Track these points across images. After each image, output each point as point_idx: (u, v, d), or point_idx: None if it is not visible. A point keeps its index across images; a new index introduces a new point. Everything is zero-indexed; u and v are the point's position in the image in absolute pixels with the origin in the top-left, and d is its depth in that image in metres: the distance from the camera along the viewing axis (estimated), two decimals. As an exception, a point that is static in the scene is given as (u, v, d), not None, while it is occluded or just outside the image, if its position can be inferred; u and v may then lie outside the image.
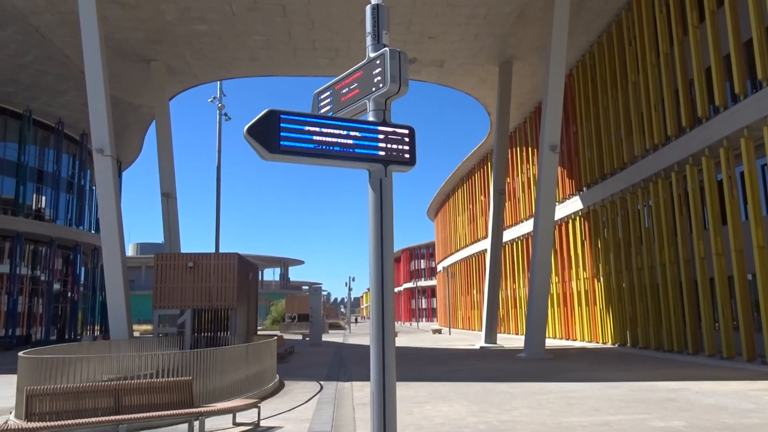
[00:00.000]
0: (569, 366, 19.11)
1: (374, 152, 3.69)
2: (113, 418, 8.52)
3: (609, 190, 27.23)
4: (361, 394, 13.60)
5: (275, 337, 16.84)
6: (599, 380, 14.87)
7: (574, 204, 31.21)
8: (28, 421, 8.22)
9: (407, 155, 3.75)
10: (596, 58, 28.87)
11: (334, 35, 27.66)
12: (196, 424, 9.06)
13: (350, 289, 75.19)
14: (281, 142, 3.46)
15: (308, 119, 3.60)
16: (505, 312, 42.16)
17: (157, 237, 32.11)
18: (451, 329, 52.60)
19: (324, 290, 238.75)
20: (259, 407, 10.25)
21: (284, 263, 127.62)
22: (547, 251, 22.89)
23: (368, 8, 3.99)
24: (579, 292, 31.31)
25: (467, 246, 53.95)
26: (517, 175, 40.17)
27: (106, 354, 13.34)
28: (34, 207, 39.56)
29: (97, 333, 44.19)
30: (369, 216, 3.59)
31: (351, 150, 3.63)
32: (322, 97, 4.24)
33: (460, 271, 57.40)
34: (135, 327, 48.61)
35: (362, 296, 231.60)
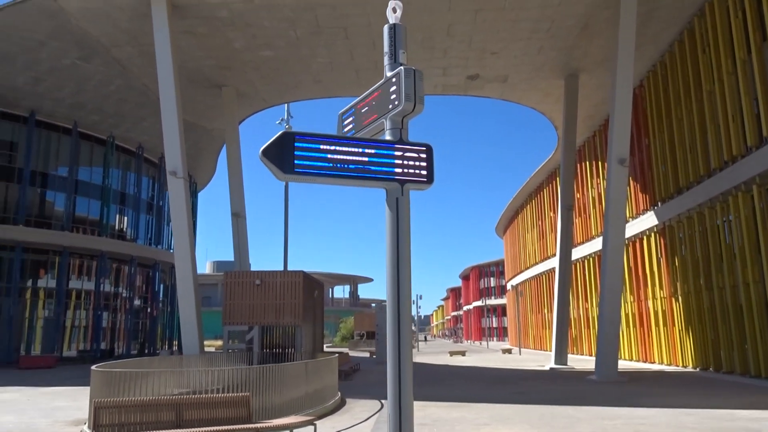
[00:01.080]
0: (643, 390, 18.20)
1: (390, 171, 3.69)
2: (174, 431, 8.81)
3: (685, 205, 25.94)
4: (421, 414, 13.43)
5: (336, 355, 16.96)
6: (674, 406, 14.07)
7: (649, 219, 29.92)
8: (95, 431, 8.63)
9: (424, 174, 3.72)
10: (668, 67, 27.75)
11: (397, 55, 27.92)
12: (254, 439, 9.23)
13: (418, 307, 74.81)
14: (295, 163, 3.52)
15: (323, 140, 3.64)
16: (578, 332, 40.74)
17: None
18: (522, 349, 51.31)
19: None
20: (315, 424, 10.33)
21: (353, 281, 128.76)
22: (618, 269, 21.99)
23: (385, 28, 4.02)
24: (656, 312, 29.86)
25: (537, 263, 52.67)
26: (587, 190, 38.98)
27: (173, 369, 13.82)
28: (116, 227, 41.85)
29: (174, 347, 45.97)
30: (386, 234, 3.58)
31: (366, 169, 3.64)
32: (346, 117, 4.29)
33: (530, 289, 56.05)
34: (212, 342, 50.35)
35: (432, 314, 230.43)
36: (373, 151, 3.69)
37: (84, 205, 39.24)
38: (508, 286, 70.12)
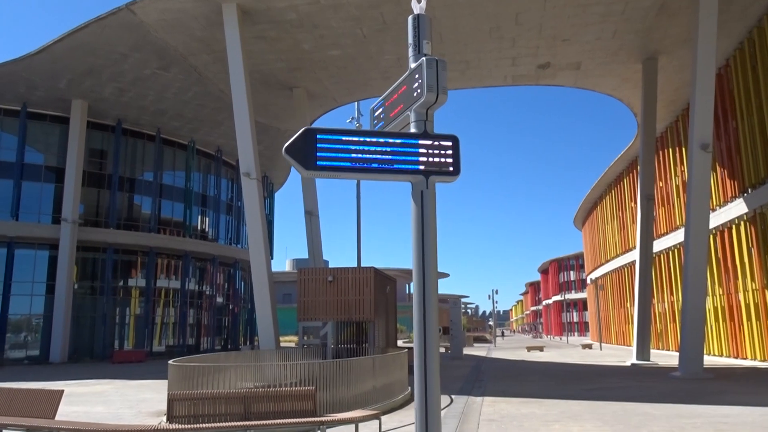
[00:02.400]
0: (730, 387, 17.16)
1: (414, 164, 3.64)
2: (241, 423, 9.12)
3: (778, 191, 24.20)
4: (490, 409, 13.27)
5: (406, 350, 16.99)
6: (763, 405, 13.18)
7: (738, 207, 28.10)
8: (169, 422, 9.08)
9: (450, 166, 3.65)
10: (756, 44, 25.92)
11: (463, 47, 27.62)
12: (319, 432, 9.42)
13: (494, 302, 73.72)
14: (318, 160, 3.55)
15: (345, 136, 3.65)
16: (663, 327, 38.90)
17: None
18: (603, 344, 49.57)
19: (471, 303, 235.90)
20: (380, 419, 10.40)
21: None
22: (701, 260, 20.81)
23: (410, 19, 3.97)
24: (747, 305, 28.02)
25: (618, 256, 50.66)
26: (671, 179, 37.08)
27: (244, 363, 14.31)
28: (198, 228, 43.79)
29: (255, 343, 47.61)
30: (412, 228, 3.55)
31: (390, 162, 3.62)
32: (377, 111, 4.28)
33: (611, 282, 54.00)
34: (292, 338, 51.75)
35: (511, 309, 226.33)
36: (396, 144, 3.67)
37: (168, 208, 41.31)
38: (588, 280, 67.88)
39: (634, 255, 39.92)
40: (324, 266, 31.05)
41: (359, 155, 3.63)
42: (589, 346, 46.65)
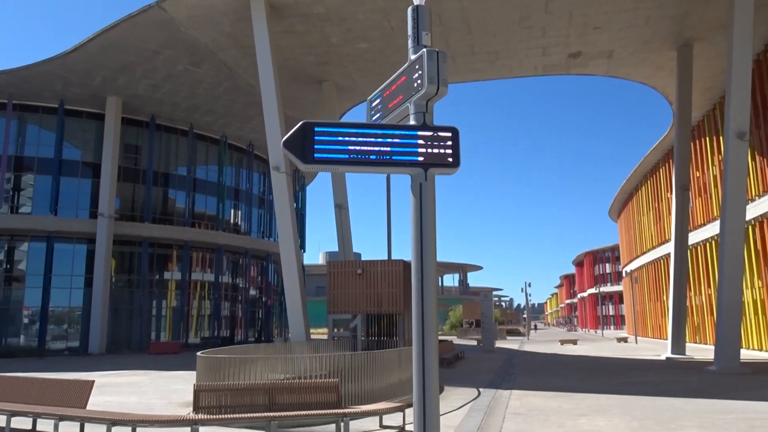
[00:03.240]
0: (767, 383, 16.65)
1: (412, 157, 3.61)
2: (266, 414, 9.23)
3: (821, 180, 23.31)
4: (517, 403, 13.17)
5: (433, 343, 16.97)
6: (802, 401, 12.76)
7: (778, 197, 27.20)
8: (195, 413, 9.24)
9: (449, 158, 3.60)
10: (798, 28, 24.96)
11: (492, 38, 27.30)
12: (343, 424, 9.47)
13: (527, 295, 73.05)
14: (315, 153, 3.55)
15: (342, 129, 3.64)
16: (700, 320, 37.95)
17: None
18: (639, 338, 48.67)
19: (505, 296, 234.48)
20: (404, 411, 10.42)
21: (463, 269, 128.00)
22: (737, 252, 20.20)
23: (409, 10, 3.91)
24: (789, 299, 27.16)
25: (654, 248, 49.57)
26: (708, 169, 36.06)
27: (270, 355, 14.47)
28: (231, 222, 44.42)
29: (288, 335, 48.16)
30: (411, 221, 3.51)
31: (388, 156, 3.59)
32: (374, 103, 4.25)
33: (647, 275, 52.89)
34: (324, 330, 52.17)
35: (546, 302, 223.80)
36: (395, 136, 3.64)
37: (201, 202, 42.00)
38: (624, 272, 66.64)
39: (671, 247, 39.05)
40: (355, 259, 31.17)
41: (357, 147, 3.62)
42: (625, 340, 45.89)
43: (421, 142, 3.65)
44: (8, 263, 35.83)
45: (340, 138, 3.67)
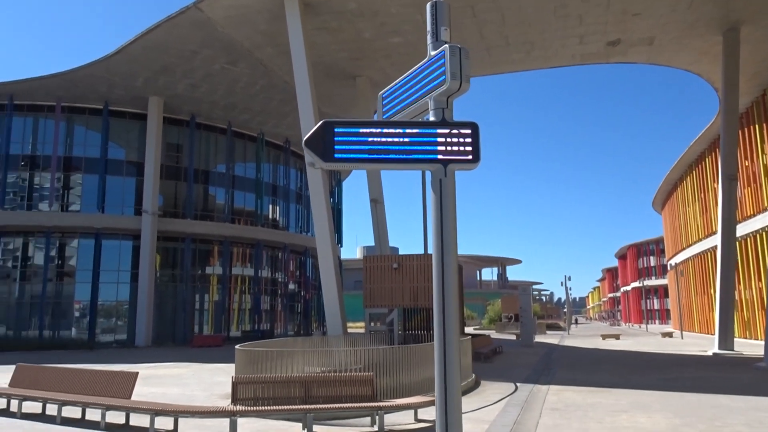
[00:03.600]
0: (821, 379, 16.04)
1: (432, 153, 3.61)
2: (302, 407, 9.37)
3: None
4: (554, 398, 13.02)
5: (469, 337, 16.90)
6: None
7: (833, 186, 26.09)
8: (233, 404, 9.45)
9: (469, 154, 3.58)
10: None
11: (527, 28, 26.89)
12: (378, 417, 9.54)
13: (567, 288, 71.90)
14: (336, 153, 3.61)
15: (362, 128, 3.67)
16: (751, 315, 36.72)
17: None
18: (684, 332, 47.41)
19: (545, 290, 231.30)
20: (438, 405, 10.43)
21: (501, 263, 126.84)
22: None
23: (428, 6, 3.90)
24: (844, 292, 26.03)
25: (700, 240, 48.16)
26: (758, 157, 34.80)
27: (310, 349, 14.64)
28: (270, 217, 45.06)
29: (325, 329, 48.64)
30: (432, 217, 3.51)
31: (407, 153, 3.60)
32: (386, 98, 4.25)
33: (694, 267, 51.43)
34: (361, 324, 52.50)
35: (588, 296, 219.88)
36: (414, 134, 3.66)
37: (241, 198, 42.73)
38: (669, 265, 64.97)
39: (718, 239, 37.90)
40: (392, 253, 31.23)
41: (376, 146, 3.66)
42: (670, 335, 44.77)
43: (440, 139, 3.65)
44: (60, 259, 37.18)
45: (360, 136, 3.72)
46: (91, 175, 37.25)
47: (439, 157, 3.63)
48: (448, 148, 3.61)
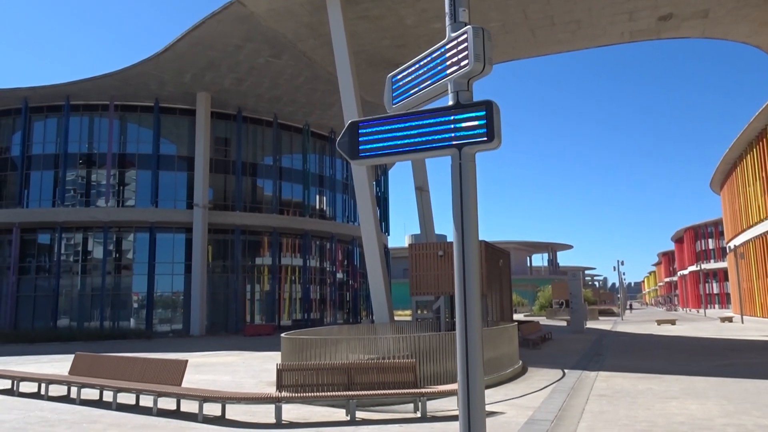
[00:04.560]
0: None
1: (446, 141, 3.62)
2: (345, 393, 9.51)
3: None
4: (603, 384, 12.78)
5: (515, 323, 16.74)
6: None
7: None
8: (278, 391, 9.66)
9: (485, 136, 3.52)
10: None
11: (573, 6, 26.19)
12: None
13: (620, 273, 70.18)
14: (361, 152, 3.80)
15: (382, 122, 3.75)
16: (817, 297, 35.06)
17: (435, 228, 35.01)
18: (745, 317, 45.62)
19: (599, 275, 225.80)
20: (482, 392, 10.38)
21: (552, 248, 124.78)
22: None
23: None
24: None
25: (762, 221, 46.10)
26: (823, 132, 33.01)
27: (355, 336, 14.80)
28: (317, 208, 45.58)
29: (373, 317, 48.99)
30: (452, 203, 3.49)
31: (423, 143, 3.65)
32: (397, 80, 4.23)
33: (755, 250, 49.32)
34: (409, 312, 52.72)
35: (644, 280, 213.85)
36: (428, 121, 3.69)
37: (288, 190, 43.36)
38: (728, 248, 62.49)
39: (780, 219, 36.25)
40: (441, 240, 31.12)
41: (394, 140, 3.78)
42: (729, 320, 43.19)
43: (453, 123, 3.63)
44: (117, 253, 38.65)
45: (380, 133, 3.87)
46: (144, 171, 38.47)
47: (453, 142, 3.61)
48: (462, 133, 3.59)
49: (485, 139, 3.51)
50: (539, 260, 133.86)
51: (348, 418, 9.34)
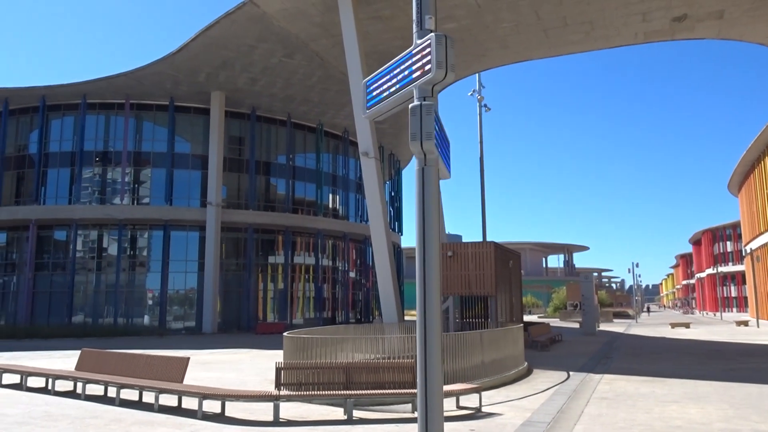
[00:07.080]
0: None
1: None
2: (343, 393, 9.58)
3: None
4: (605, 387, 12.73)
5: (521, 325, 16.70)
6: None
7: None
8: (277, 389, 9.77)
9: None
10: None
11: (586, 6, 26.04)
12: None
13: (635, 276, 69.50)
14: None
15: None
16: (835, 302, 34.47)
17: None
18: (762, 321, 44.98)
19: (615, 277, 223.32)
20: (480, 393, 10.42)
21: (568, 249, 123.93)
22: None
23: None
24: None
25: (780, 224, 45.42)
26: (842, 134, 32.44)
27: (359, 336, 14.87)
28: (330, 207, 45.74)
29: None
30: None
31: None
32: (371, 86, 4.32)
33: (773, 253, 48.57)
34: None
35: (661, 283, 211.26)
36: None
37: (301, 189, 43.58)
38: (746, 251, 61.60)
39: (797, 222, 35.68)
40: (455, 241, 31.03)
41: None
42: (745, 323, 42.60)
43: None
44: (132, 250, 39.11)
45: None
46: (159, 169, 38.90)
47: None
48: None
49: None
50: (555, 261, 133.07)
51: (345, 417, 9.42)
